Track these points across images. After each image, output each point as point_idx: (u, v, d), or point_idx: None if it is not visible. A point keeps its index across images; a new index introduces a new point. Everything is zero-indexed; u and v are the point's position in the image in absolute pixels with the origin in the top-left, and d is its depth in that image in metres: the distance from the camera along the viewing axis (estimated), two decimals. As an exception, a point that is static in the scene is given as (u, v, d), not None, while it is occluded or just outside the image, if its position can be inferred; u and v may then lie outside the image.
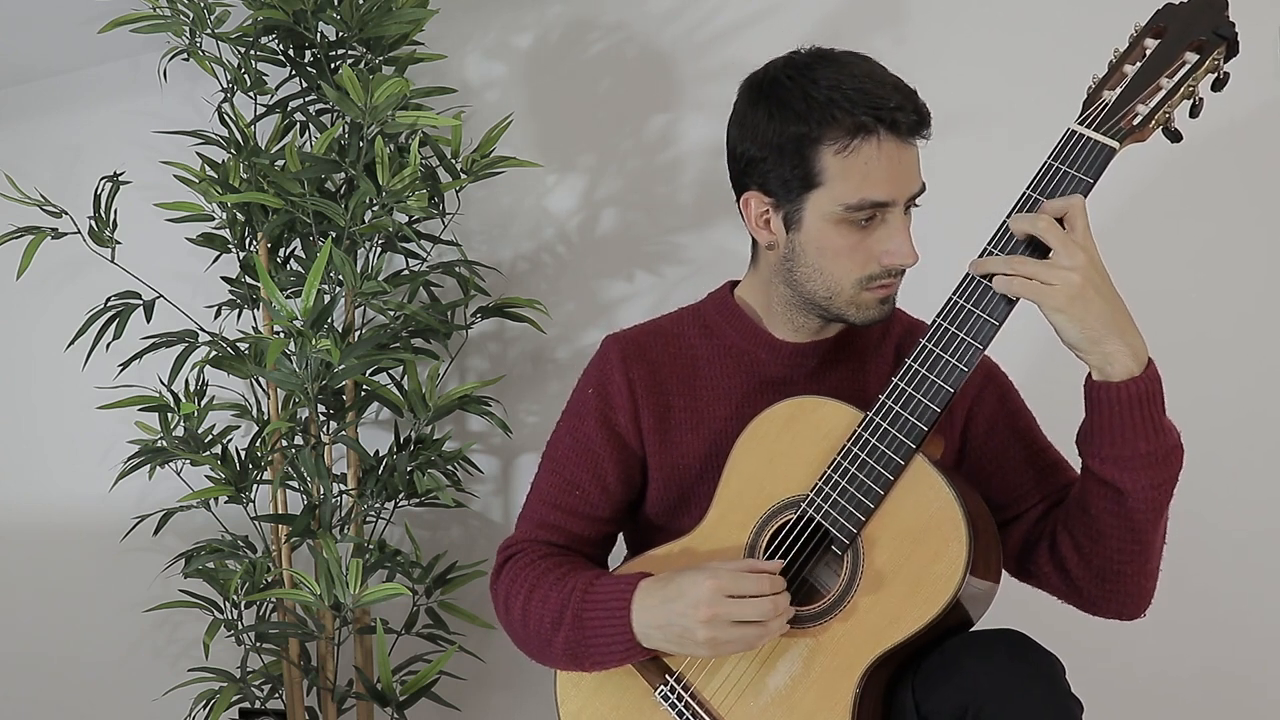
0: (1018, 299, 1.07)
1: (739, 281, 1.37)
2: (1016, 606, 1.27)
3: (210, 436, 2.05)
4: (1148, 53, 1.07)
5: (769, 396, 1.28)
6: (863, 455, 1.13)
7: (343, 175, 1.97)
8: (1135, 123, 1.05)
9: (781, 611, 1.10)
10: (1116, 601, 1.19)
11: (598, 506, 1.34)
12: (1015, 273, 1.06)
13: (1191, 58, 1.05)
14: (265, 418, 2.11)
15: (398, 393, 2.02)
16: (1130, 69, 1.07)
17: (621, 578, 1.21)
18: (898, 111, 1.13)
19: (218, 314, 2.18)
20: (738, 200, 1.26)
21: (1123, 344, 1.05)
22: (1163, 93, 1.05)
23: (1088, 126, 1.07)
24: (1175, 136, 1.09)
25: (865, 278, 1.19)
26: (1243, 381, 1.70)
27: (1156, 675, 1.73)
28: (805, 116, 1.15)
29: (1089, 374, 1.10)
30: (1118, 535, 1.14)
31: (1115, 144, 1.05)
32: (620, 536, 1.43)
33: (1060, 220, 1.05)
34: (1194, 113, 1.08)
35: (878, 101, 1.13)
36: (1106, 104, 1.07)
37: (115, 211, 2.00)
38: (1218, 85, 1.07)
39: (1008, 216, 1.08)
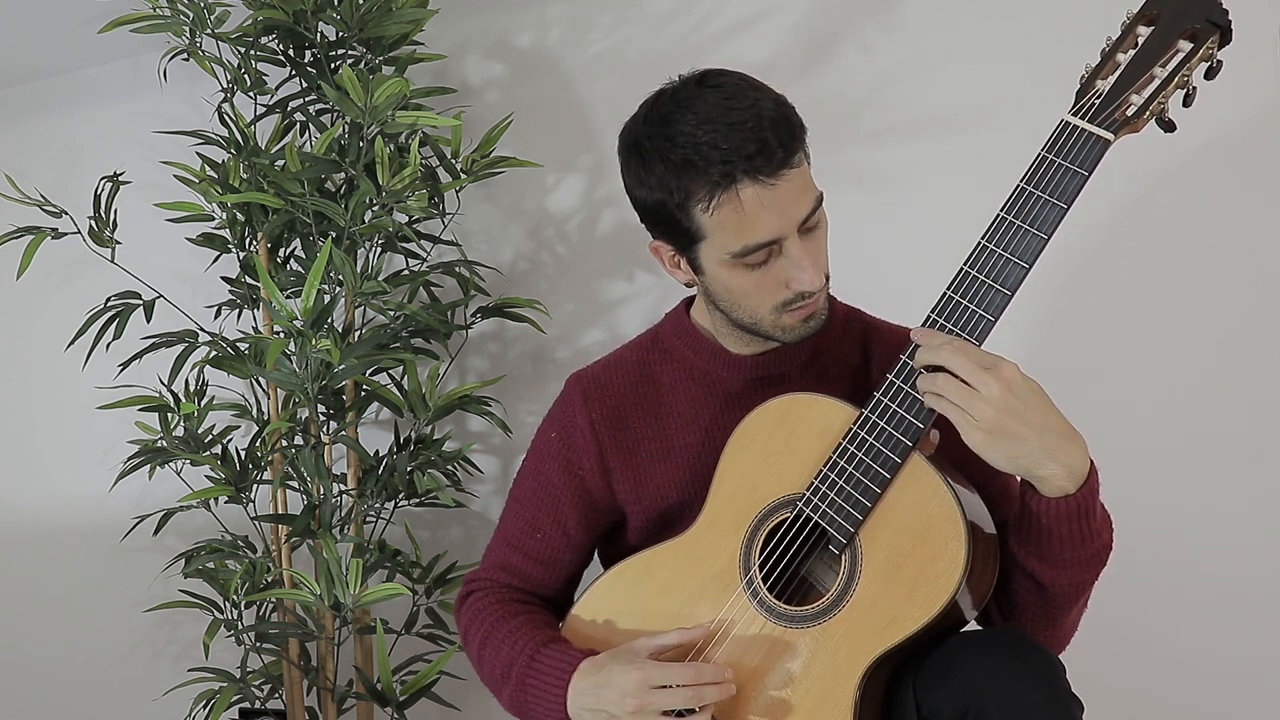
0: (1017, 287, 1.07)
1: (694, 298, 1.36)
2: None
3: (210, 436, 2.05)
4: (1140, 41, 1.06)
5: (735, 413, 1.26)
6: (859, 453, 1.12)
7: (343, 175, 1.97)
8: (1129, 113, 1.04)
9: (706, 701, 1.12)
10: None
11: (558, 550, 1.36)
12: (933, 389, 1.05)
13: (1185, 46, 1.04)
14: (265, 418, 2.11)
15: (398, 393, 2.02)
16: (1123, 58, 1.06)
17: (564, 653, 1.23)
18: (756, 158, 1.10)
19: (218, 314, 2.18)
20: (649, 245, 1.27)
21: (1057, 466, 1.04)
22: (1156, 82, 1.04)
23: (1081, 118, 1.06)
24: (1169, 127, 1.07)
25: (780, 304, 1.19)
26: (1241, 386, 1.70)
27: (1154, 675, 1.73)
28: (664, 181, 1.14)
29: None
30: (1033, 611, 1.15)
31: (1110, 135, 1.04)
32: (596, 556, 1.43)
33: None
34: (1187, 102, 1.07)
35: (730, 153, 1.09)
36: (1100, 94, 1.06)
37: (115, 211, 2.00)
38: (1211, 74, 1.06)
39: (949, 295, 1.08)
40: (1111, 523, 1.13)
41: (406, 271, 2.07)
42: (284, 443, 1.99)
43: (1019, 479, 1.10)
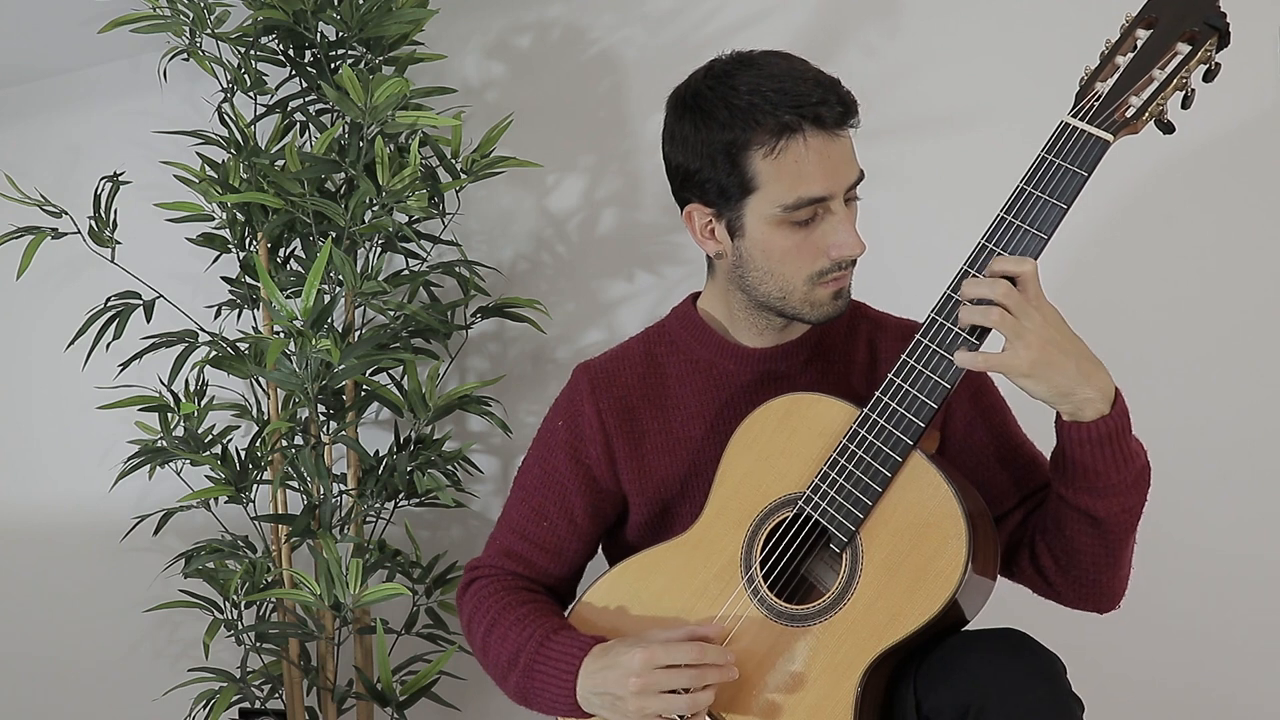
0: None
1: (700, 293, 1.36)
2: (1016, 604, 1.27)
3: (210, 436, 2.05)
4: (1139, 44, 1.07)
5: (740, 408, 1.27)
6: (860, 452, 1.12)
7: (343, 175, 1.97)
8: (1128, 115, 1.05)
9: (708, 681, 1.13)
10: (1093, 601, 1.23)
11: (564, 539, 1.35)
12: (985, 301, 1.06)
13: (1184, 49, 1.05)
14: (265, 418, 2.11)
15: (398, 393, 2.02)
16: (1122, 60, 1.07)
17: (575, 639, 1.23)
18: (820, 106, 1.14)
19: (218, 314, 2.18)
20: (681, 214, 1.26)
21: (1092, 389, 1.07)
22: (1155, 84, 1.05)
23: (1081, 119, 1.07)
24: (1168, 128, 1.09)
25: (815, 274, 1.19)
26: (1242, 386, 1.70)
27: (1154, 673, 1.73)
28: (729, 124, 1.16)
29: (1058, 413, 1.11)
30: (1092, 552, 1.17)
31: (1109, 136, 1.05)
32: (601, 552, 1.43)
33: (1013, 279, 1.06)
34: (1186, 104, 1.08)
35: (798, 99, 1.14)
36: (1099, 96, 1.07)
37: (115, 211, 2.01)
38: (1209, 76, 1.07)
39: (972, 257, 1.09)
40: (1143, 445, 1.15)
41: (406, 271, 2.07)
42: (284, 443, 1.99)
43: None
